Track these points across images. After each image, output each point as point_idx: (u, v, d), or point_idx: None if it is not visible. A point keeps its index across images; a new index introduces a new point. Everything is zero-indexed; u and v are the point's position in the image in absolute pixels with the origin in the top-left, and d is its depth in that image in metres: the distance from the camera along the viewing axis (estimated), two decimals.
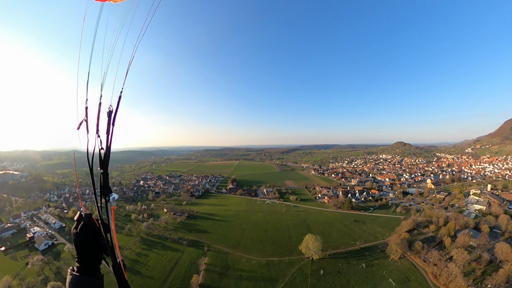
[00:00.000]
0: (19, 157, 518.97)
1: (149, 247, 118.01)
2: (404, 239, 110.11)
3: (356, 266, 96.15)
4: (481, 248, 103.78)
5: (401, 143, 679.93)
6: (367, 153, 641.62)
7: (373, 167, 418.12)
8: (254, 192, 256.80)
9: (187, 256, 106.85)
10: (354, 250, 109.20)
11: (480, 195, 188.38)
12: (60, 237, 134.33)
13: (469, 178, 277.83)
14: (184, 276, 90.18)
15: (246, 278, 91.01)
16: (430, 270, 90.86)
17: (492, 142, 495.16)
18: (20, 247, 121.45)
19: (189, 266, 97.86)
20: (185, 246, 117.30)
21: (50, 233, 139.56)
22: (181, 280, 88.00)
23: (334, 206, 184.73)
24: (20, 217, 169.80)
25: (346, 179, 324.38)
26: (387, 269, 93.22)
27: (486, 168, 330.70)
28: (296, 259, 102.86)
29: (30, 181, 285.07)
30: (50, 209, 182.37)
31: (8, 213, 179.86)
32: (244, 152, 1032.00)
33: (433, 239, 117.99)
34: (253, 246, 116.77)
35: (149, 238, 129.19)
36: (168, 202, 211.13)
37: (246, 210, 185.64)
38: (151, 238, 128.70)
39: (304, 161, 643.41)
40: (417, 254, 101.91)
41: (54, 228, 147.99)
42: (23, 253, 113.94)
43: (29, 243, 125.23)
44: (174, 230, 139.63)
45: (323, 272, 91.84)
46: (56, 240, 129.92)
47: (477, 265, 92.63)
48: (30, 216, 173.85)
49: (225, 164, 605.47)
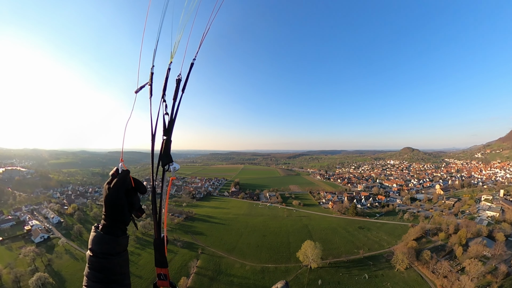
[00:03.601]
0: (28, 155, 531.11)
1: (143, 247, 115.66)
2: (411, 248, 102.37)
3: (358, 276, 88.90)
4: (497, 259, 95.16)
5: (409, 148, 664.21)
6: (374, 158, 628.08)
7: (381, 173, 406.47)
8: (257, 196, 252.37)
9: (180, 258, 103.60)
10: (357, 259, 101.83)
11: (492, 201, 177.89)
12: (57, 232, 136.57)
13: (479, 184, 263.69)
14: (173, 278, 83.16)
15: (237, 284, 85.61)
16: (440, 283, 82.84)
17: (502, 147, 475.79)
18: (17, 239, 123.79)
19: (179, 268, 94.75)
20: (179, 248, 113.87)
21: (48, 227, 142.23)
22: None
23: (338, 212, 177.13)
24: (21, 210, 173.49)
25: (352, 184, 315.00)
26: (392, 281, 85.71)
27: (497, 173, 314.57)
28: (293, 266, 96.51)
29: (35, 178, 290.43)
30: (51, 204, 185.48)
31: (10, 206, 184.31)
32: (250, 157, 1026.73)
33: (443, 248, 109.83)
34: (249, 251, 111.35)
35: (144, 237, 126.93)
36: (168, 204, 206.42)
37: (246, 214, 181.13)
38: (146, 238, 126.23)
39: (310, 166, 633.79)
40: (425, 264, 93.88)
41: (52, 222, 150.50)
42: (19, 244, 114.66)
43: (26, 235, 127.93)
44: (170, 231, 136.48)
45: (321, 282, 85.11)
46: (52, 234, 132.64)
47: (493, 278, 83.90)
48: (31, 210, 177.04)
49: (230, 168, 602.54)
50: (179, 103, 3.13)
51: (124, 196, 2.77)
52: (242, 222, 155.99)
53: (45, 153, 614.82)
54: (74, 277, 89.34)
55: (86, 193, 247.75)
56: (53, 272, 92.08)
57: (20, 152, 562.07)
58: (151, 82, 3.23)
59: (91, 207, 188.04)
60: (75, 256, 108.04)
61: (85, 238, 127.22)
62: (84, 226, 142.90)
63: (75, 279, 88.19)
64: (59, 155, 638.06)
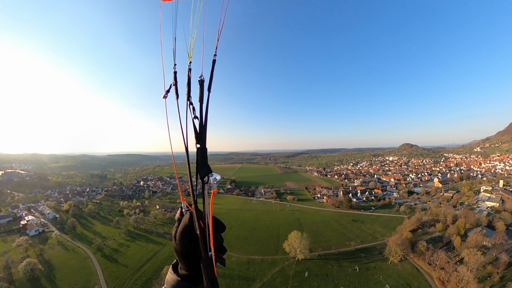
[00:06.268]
0: (28, 160, 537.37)
1: (133, 239, 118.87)
2: (406, 239, 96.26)
3: (348, 269, 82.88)
4: (498, 249, 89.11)
5: (408, 144, 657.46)
6: (373, 155, 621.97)
7: (379, 169, 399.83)
8: (252, 192, 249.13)
9: (167, 250, 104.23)
10: (348, 251, 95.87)
11: (491, 192, 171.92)
12: (52, 226, 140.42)
13: (478, 176, 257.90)
14: (158, 267, 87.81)
15: (221, 275, 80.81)
16: (436, 275, 76.66)
17: (502, 140, 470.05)
18: (12, 232, 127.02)
19: (166, 259, 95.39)
20: (168, 240, 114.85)
21: (43, 222, 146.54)
22: (154, 271, 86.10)
23: (332, 206, 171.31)
24: (18, 207, 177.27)
25: (350, 180, 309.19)
26: (384, 273, 79.50)
27: (497, 166, 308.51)
28: (280, 258, 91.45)
29: (34, 179, 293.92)
30: (48, 202, 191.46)
31: (8, 205, 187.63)
32: (249, 157, 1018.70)
33: (440, 239, 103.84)
34: (237, 244, 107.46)
35: (135, 231, 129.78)
36: (163, 200, 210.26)
37: (239, 209, 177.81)
38: (137, 231, 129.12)
39: (308, 164, 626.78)
40: (421, 256, 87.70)
41: (48, 218, 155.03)
42: (14, 238, 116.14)
43: (21, 229, 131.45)
44: (161, 225, 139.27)
45: (308, 274, 79.19)
46: (47, 228, 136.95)
47: (494, 269, 77.96)
48: (28, 208, 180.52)
49: (228, 167, 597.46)
50: (207, 105, 2.76)
51: (193, 243, 2.47)
52: (234, 216, 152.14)
53: (44, 157, 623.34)
54: (63, 265, 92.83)
55: (83, 192, 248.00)
56: (44, 261, 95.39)
57: (20, 157, 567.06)
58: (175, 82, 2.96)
59: (87, 204, 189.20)
60: (67, 247, 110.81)
61: (78, 231, 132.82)
62: (78, 221, 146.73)
63: (64, 267, 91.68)
64: (59, 159, 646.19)
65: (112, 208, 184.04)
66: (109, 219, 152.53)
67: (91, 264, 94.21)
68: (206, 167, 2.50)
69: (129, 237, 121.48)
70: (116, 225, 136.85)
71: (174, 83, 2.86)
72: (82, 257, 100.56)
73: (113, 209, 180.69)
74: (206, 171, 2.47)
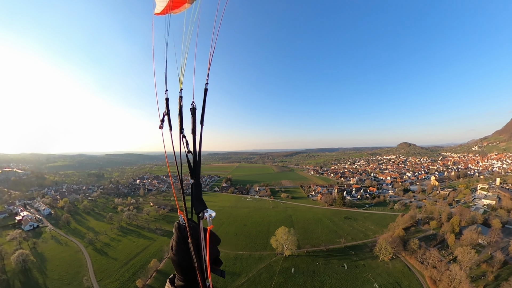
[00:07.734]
0: (26, 159, 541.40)
1: (124, 234, 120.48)
2: (398, 237, 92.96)
3: (336, 266, 79.60)
4: (493, 247, 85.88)
5: (406, 143, 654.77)
6: (371, 154, 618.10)
7: (376, 167, 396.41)
8: (247, 190, 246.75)
9: (157, 244, 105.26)
10: (337, 249, 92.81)
11: (488, 189, 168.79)
12: (47, 222, 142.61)
13: (475, 174, 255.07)
14: (146, 261, 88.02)
15: None
16: (428, 274, 73.35)
17: (499, 139, 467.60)
18: (8, 228, 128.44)
19: (155, 253, 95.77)
20: (158, 236, 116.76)
21: (38, 218, 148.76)
22: (142, 264, 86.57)
23: (325, 203, 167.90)
24: (14, 204, 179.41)
25: (346, 178, 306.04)
26: (374, 272, 76.13)
27: (494, 164, 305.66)
28: (268, 254, 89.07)
29: (31, 178, 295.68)
30: (43, 199, 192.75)
31: (4, 202, 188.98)
32: (247, 156, 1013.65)
33: (434, 237, 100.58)
34: (226, 239, 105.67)
35: (128, 226, 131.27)
36: (157, 198, 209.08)
37: (232, 206, 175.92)
38: (129, 227, 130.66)
39: (306, 163, 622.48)
40: (413, 254, 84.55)
41: (43, 214, 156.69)
42: (9, 232, 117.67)
43: (16, 224, 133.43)
44: (154, 221, 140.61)
45: (295, 270, 76.24)
46: (41, 224, 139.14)
47: (489, 267, 74.71)
48: (24, 204, 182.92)
49: (225, 166, 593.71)
50: (200, 138, 2.70)
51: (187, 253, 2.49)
52: (226, 213, 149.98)
53: (42, 157, 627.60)
54: (55, 258, 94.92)
55: (79, 190, 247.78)
56: (36, 253, 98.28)
57: (18, 157, 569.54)
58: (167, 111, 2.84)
59: (82, 200, 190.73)
60: (60, 241, 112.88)
61: (72, 226, 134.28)
62: (72, 217, 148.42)
63: (56, 259, 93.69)
64: (56, 159, 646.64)
65: (106, 205, 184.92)
66: (103, 215, 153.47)
67: (82, 257, 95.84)
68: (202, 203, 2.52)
69: (121, 232, 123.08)
70: (109, 221, 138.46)
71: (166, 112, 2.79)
72: (74, 250, 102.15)
73: (108, 206, 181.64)
74: (202, 206, 2.49)
